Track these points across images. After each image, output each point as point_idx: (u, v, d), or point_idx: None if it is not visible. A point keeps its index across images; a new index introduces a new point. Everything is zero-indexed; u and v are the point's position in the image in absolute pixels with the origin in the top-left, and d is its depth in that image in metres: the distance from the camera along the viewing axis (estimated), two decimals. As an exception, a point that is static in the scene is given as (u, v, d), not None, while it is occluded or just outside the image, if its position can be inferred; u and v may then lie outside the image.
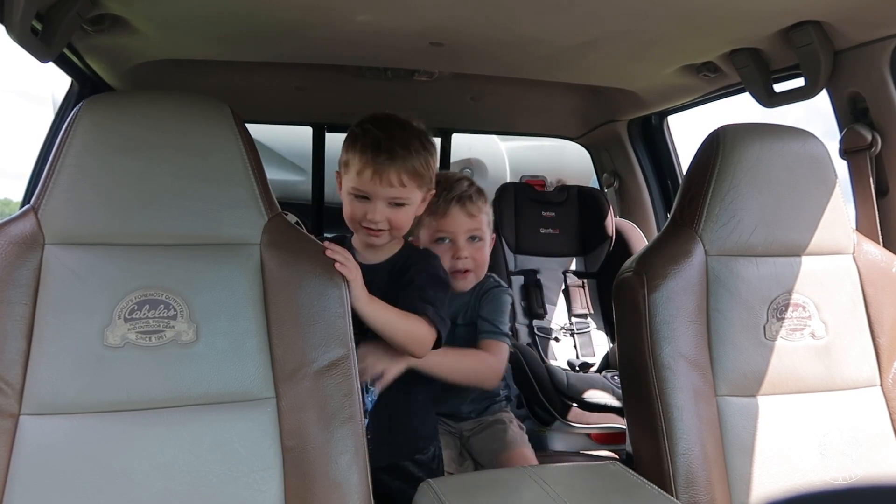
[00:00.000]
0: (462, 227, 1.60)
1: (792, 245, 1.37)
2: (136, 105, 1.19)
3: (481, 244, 1.64)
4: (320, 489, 1.10)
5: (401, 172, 1.36)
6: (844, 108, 1.59)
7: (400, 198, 1.39)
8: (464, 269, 1.60)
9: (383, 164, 1.35)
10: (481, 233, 1.63)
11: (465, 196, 1.60)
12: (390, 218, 1.39)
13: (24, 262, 1.09)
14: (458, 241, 1.60)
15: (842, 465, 1.29)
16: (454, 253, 1.60)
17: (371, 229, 1.40)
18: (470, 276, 1.62)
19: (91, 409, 1.07)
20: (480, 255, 1.63)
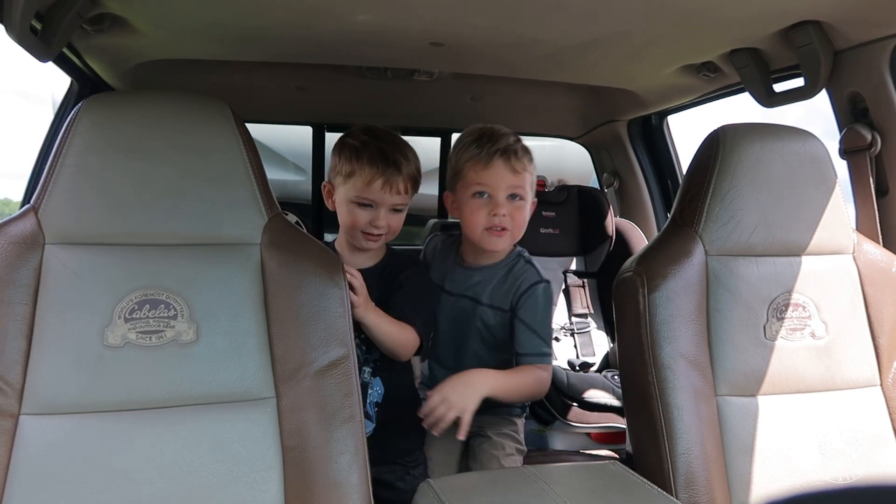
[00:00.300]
0: (503, 182, 1.48)
1: (792, 245, 1.37)
2: (136, 105, 1.19)
3: (522, 204, 1.51)
4: (320, 489, 1.10)
5: (406, 180, 1.49)
6: (844, 108, 1.59)
7: (402, 204, 1.51)
8: (500, 226, 1.49)
9: (392, 174, 1.46)
10: (523, 192, 1.50)
11: (511, 149, 1.49)
12: (390, 223, 1.50)
13: (24, 262, 1.09)
14: (497, 197, 1.48)
15: (842, 465, 1.29)
16: (491, 209, 1.48)
17: (372, 235, 1.48)
18: (506, 235, 1.50)
19: (91, 408, 1.07)
20: (520, 215, 1.51)
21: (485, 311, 1.56)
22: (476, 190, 1.49)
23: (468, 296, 1.57)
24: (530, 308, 1.51)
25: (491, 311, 1.56)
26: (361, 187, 1.46)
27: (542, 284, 1.52)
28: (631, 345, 1.30)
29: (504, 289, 1.54)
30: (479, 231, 1.50)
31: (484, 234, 1.49)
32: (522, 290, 1.52)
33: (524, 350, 1.51)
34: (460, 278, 1.60)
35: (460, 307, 1.59)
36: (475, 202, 1.50)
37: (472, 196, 1.50)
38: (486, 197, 1.49)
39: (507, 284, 1.54)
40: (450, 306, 1.60)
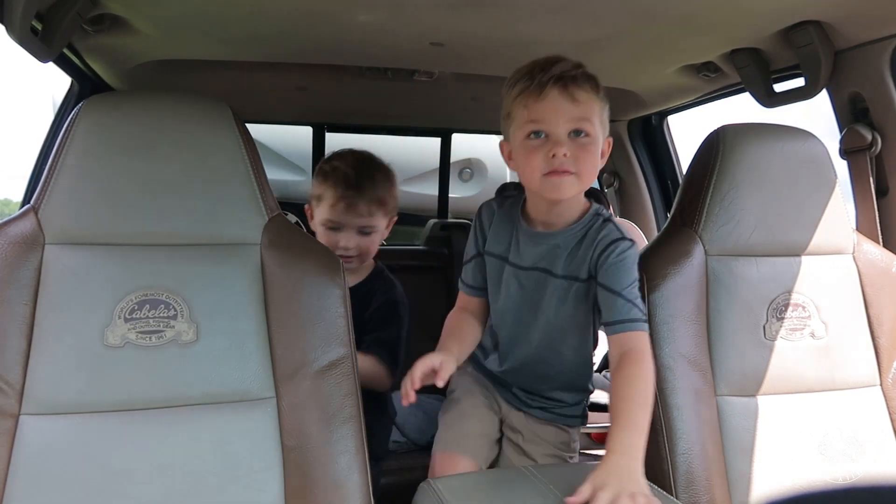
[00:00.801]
0: (562, 116, 1.17)
1: (792, 245, 1.37)
2: (136, 105, 1.19)
3: (588, 142, 1.19)
4: (320, 489, 1.10)
5: (369, 203, 1.56)
6: (844, 108, 1.59)
7: (368, 226, 1.57)
8: (562, 168, 1.18)
9: (353, 196, 1.54)
10: (589, 126, 1.19)
11: (568, 76, 1.18)
12: (360, 245, 1.57)
13: (24, 262, 1.09)
14: (555, 134, 1.18)
15: (842, 465, 1.29)
16: (549, 150, 1.17)
17: (344, 256, 1.52)
18: (569, 179, 1.19)
19: (91, 408, 1.07)
20: (586, 156, 1.19)
21: (559, 285, 1.29)
22: (530, 129, 1.19)
23: (540, 267, 1.30)
24: (611, 269, 1.22)
25: (566, 282, 1.29)
26: (327, 210, 1.56)
27: (623, 242, 1.24)
28: (631, 345, 1.30)
29: (580, 254, 1.27)
30: (538, 179, 1.20)
31: (543, 180, 1.20)
32: (600, 251, 1.24)
33: (613, 317, 1.21)
34: (529, 247, 1.31)
35: (532, 281, 1.32)
36: (529, 144, 1.20)
37: (526, 138, 1.20)
38: (543, 137, 1.19)
39: (584, 248, 1.26)
40: (517, 282, 1.33)
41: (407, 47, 1.75)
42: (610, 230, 1.25)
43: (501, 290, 1.35)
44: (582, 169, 1.19)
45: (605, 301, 1.22)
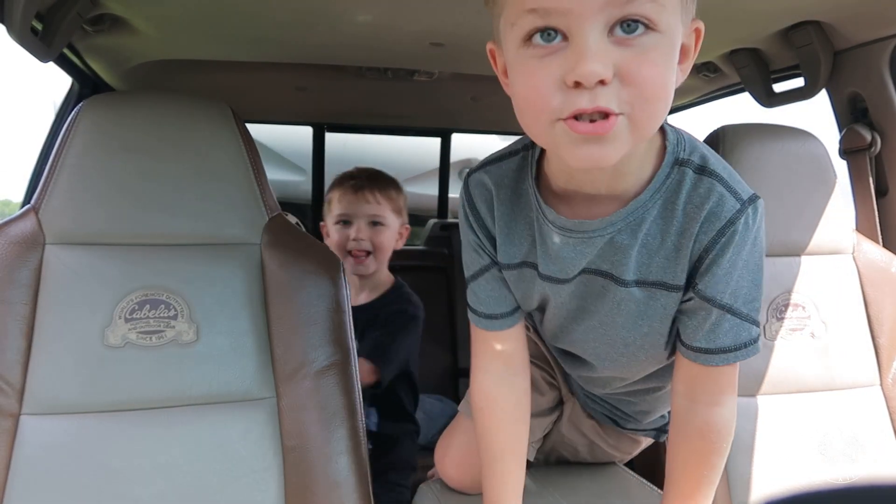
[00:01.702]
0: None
1: (792, 245, 1.37)
2: (136, 105, 1.19)
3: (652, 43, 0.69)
4: (320, 489, 1.10)
5: (375, 191, 1.61)
6: (844, 108, 1.59)
7: (377, 215, 1.60)
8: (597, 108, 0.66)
9: (359, 186, 1.61)
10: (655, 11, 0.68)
11: None
12: (372, 239, 1.59)
13: (24, 262, 1.09)
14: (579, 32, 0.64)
15: (842, 465, 1.29)
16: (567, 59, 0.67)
17: (357, 255, 1.57)
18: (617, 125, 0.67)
19: (91, 408, 1.07)
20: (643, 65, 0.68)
21: (631, 295, 0.84)
22: (531, 27, 0.69)
23: (600, 271, 0.84)
24: (722, 270, 0.77)
25: (643, 292, 0.83)
26: (337, 206, 1.63)
27: (745, 213, 0.77)
28: (631, 345, 1.30)
29: (668, 243, 0.79)
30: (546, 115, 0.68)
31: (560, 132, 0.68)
32: (708, 242, 0.77)
33: (704, 343, 0.81)
34: (573, 249, 0.82)
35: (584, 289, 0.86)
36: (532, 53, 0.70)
37: (524, 44, 0.71)
38: (559, 40, 0.67)
39: (674, 233, 0.78)
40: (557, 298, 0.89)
41: (407, 47, 1.74)
42: (718, 194, 0.76)
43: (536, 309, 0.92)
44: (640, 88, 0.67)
45: (701, 317, 0.80)
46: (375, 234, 1.61)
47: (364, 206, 1.61)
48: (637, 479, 1.22)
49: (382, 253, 1.64)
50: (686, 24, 0.73)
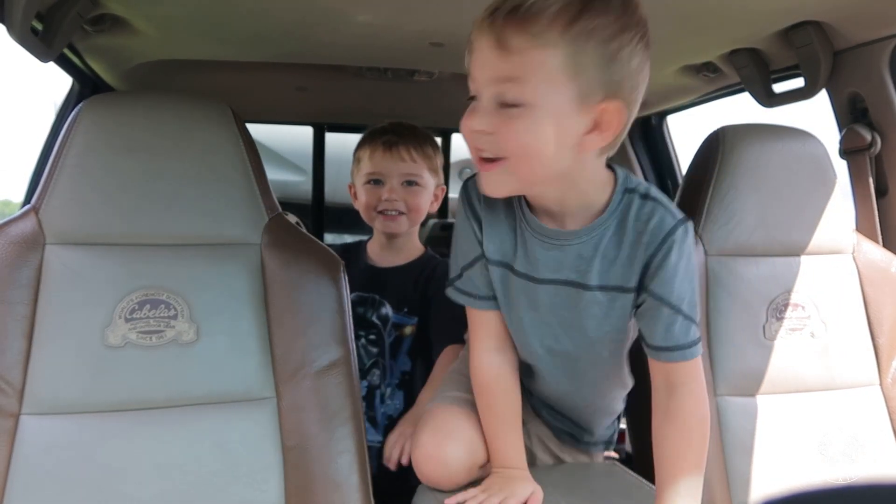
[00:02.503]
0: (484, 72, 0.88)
1: (791, 245, 1.37)
2: (136, 105, 1.19)
3: (517, 112, 0.86)
4: (320, 489, 1.10)
5: (410, 148, 1.42)
6: (844, 108, 1.59)
7: (413, 174, 1.42)
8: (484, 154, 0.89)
9: (393, 140, 1.42)
10: (517, 88, 0.85)
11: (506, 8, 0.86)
12: (406, 200, 1.42)
13: (24, 262, 1.09)
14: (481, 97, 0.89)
15: (842, 465, 1.29)
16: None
17: (388, 214, 1.41)
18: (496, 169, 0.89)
19: (92, 408, 1.07)
20: (510, 131, 0.86)
21: (596, 299, 0.98)
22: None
23: (562, 280, 0.98)
24: (668, 273, 0.92)
25: (605, 295, 0.98)
26: (368, 164, 1.45)
27: (679, 228, 0.93)
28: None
29: (622, 254, 0.95)
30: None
31: None
32: (654, 248, 0.93)
33: (666, 341, 0.95)
34: (542, 252, 0.98)
35: (553, 297, 0.99)
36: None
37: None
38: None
39: (627, 246, 0.94)
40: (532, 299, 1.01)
41: (407, 47, 1.75)
42: (660, 213, 0.92)
43: (512, 308, 1.03)
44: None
45: (656, 316, 0.94)
46: (410, 195, 1.42)
47: (398, 164, 1.41)
48: (637, 478, 1.22)
49: (417, 214, 1.45)
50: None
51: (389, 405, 1.45)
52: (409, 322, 1.45)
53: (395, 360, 1.45)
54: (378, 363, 1.45)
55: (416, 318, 1.45)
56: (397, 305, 1.45)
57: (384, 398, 1.43)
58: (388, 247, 1.49)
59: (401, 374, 1.45)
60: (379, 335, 1.41)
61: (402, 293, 1.44)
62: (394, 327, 1.46)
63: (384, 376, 1.44)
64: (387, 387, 1.44)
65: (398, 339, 1.45)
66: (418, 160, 1.43)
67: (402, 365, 1.45)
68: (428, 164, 1.45)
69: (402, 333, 1.46)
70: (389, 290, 1.44)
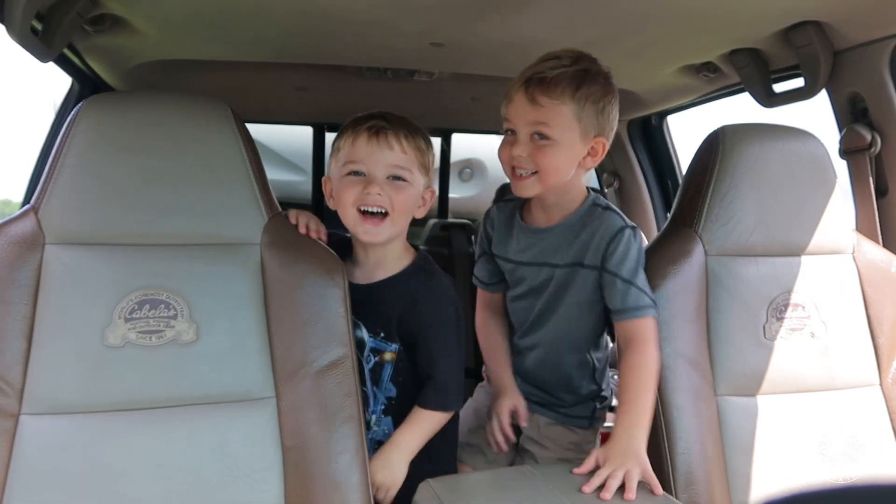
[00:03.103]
0: (522, 118, 1.22)
1: (791, 245, 1.37)
2: (136, 105, 1.19)
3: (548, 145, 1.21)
4: (320, 489, 1.10)
5: (400, 136, 1.22)
6: (844, 108, 1.59)
7: (401, 167, 1.22)
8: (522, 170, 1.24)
9: (380, 126, 1.22)
10: (548, 129, 1.21)
11: (536, 78, 1.21)
12: (392, 196, 1.21)
13: (24, 262, 1.09)
14: (519, 134, 1.23)
15: (842, 465, 1.29)
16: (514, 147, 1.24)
17: (370, 214, 1.21)
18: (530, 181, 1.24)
19: (91, 408, 1.07)
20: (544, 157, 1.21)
21: (563, 273, 1.31)
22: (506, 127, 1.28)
23: (541, 262, 1.33)
24: (619, 256, 1.24)
25: (569, 269, 1.30)
26: (348, 150, 1.23)
27: (628, 230, 1.26)
28: (631, 345, 1.30)
29: (580, 241, 1.28)
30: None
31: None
32: (607, 241, 1.25)
33: (620, 305, 1.24)
34: (527, 243, 1.35)
35: (535, 275, 1.34)
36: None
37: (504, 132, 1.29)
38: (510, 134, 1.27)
39: (585, 236, 1.28)
40: (523, 277, 1.37)
41: (407, 47, 1.75)
42: (612, 218, 1.28)
43: (512, 287, 1.42)
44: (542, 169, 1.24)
45: (612, 289, 1.26)
46: (396, 192, 1.21)
47: (385, 154, 1.20)
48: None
49: (402, 216, 1.24)
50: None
51: (377, 431, 1.31)
52: (387, 348, 1.28)
53: (377, 386, 1.30)
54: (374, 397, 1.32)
55: (394, 344, 1.28)
56: (372, 329, 1.28)
57: (370, 425, 1.30)
58: (364, 261, 1.29)
59: (386, 400, 1.31)
60: (356, 360, 1.21)
61: (376, 316, 1.26)
62: (372, 352, 1.29)
63: (366, 403, 1.29)
64: (371, 413, 1.30)
65: (378, 366, 1.30)
66: (409, 152, 1.23)
67: (386, 391, 1.30)
68: (419, 159, 1.25)
69: (383, 359, 1.29)
70: (363, 311, 1.25)
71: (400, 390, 1.30)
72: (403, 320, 1.26)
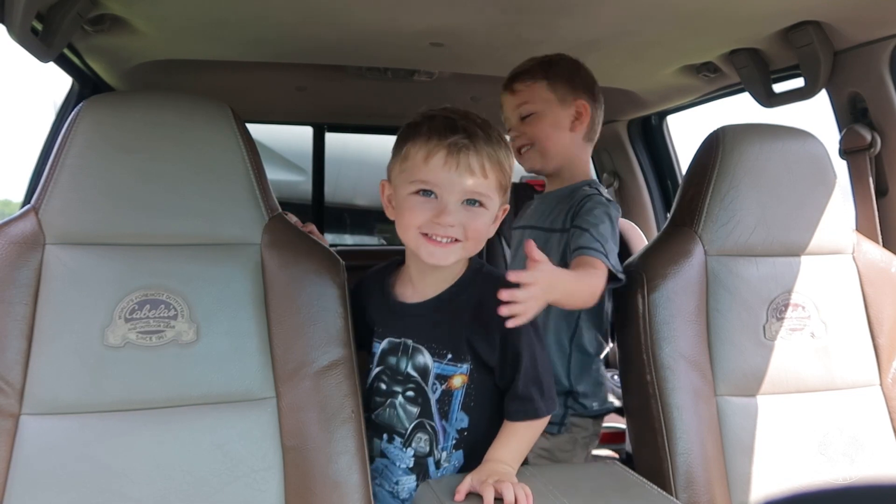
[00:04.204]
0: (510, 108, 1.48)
1: (791, 245, 1.37)
2: (136, 105, 1.19)
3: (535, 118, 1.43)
4: (320, 489, 1.10)
5: (482, 157, 1.08)
6: (844, 108, 1.59)
7: (479, 193, 1.08)
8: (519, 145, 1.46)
9: (460, 145, 1.07)
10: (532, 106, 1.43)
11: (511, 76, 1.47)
12: (466, 224, 1.08)
13: (24, 262, 1.09)
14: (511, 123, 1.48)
15: (842, 465, 1.29)
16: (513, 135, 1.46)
17: (437, 237, 1.08)
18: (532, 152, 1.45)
19: (91, 408, 1.07)
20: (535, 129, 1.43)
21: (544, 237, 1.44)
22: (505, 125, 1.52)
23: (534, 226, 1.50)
24: (584, 212, 1.33)
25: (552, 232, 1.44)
26: (421, 170, 1.08)
27: (597, 196, 1.37)
28: (631, 345, 1.30)
29: (560, 210, 1.43)
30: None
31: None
32: (578, 201, 1.37)
33: (578, 244, 1.28)
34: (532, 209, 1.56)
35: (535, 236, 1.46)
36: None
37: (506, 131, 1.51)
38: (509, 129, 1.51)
39: (567, 206, 1.41)
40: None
41: (407, 47, 1.75)
42: (590, 191, 1.42)
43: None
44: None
45: (575, 234, 1.32)
46: (470, 219, 1.08)
47: (463, 179, 1.06)
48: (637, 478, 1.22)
49: (476, 244, 1.11)
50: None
51: (447, 467, 1.16)
52: (456, 371, 1.14)
53: (446, 419, 1.15)
54: (423, 425, 1.15)
55: (465, 364, 1.14)
56: (437, 352, 1.15)
57: (440, 464, 1.16)
58: (424, 279, 1.17)
59: (457, 433, 1.15)
60: (419, 390, 1.12)
61: (439, 335, 1.14)
62: (438, 379, 1.15)
63: (435, 441, 1.15)
64: (442, 450, 1.15)
65: (446, 394, 1.15)
66: (490, 175, 1.09)
67: (457, 423, 1.15)
68: (499, 180, 1.11)
69: (451, 386, 1.15)
70: (424, 332, 1.13)
71: (473, 419, 1.15)
72: (474, 331, 1.13)
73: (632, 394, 1.33)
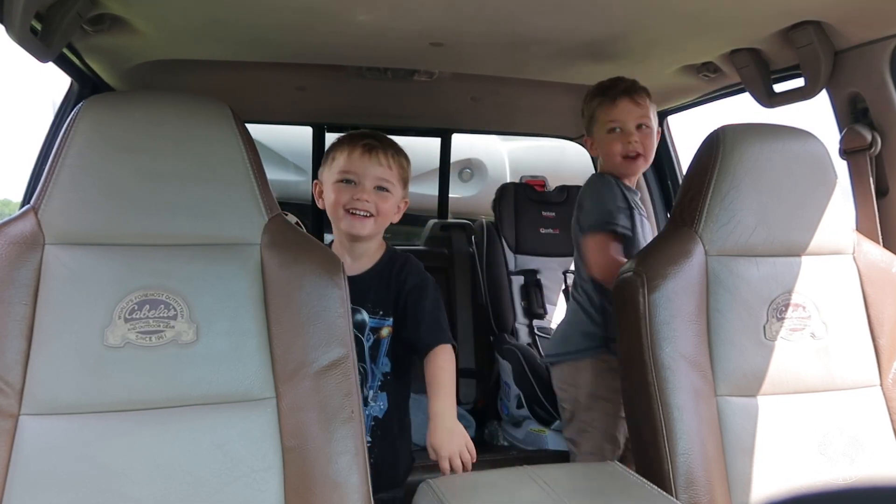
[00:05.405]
0: (631, 115, 1.70)
1: (792, 245, 1.37)
2: (136, 105, 1.19)
3: (649, 132, 1.72)
4: (320, 489, 1.10)
5: (388, 154, 1.49)
6: (844, 108, 1.59)
7: (386, 180, 1.48)
8: (635, 153, 1.70)
9: (372, 144, 1.48)
10: (648, 121, 1.72)
11: (632, 87, 1.71)
12: (377, 203, 1.47)
13: (24, 263, 1.09)
14: (627, 128, 1.70)
15: (842, 465, 1.29)
16: (624, 139, 1.70)
17: (357, 214, 1.45)
18: (640, 160, 1.72)
19: (91, 409, 1.07)
20: (649, 141, 1.72)
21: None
22: (609, 127, 1.72)
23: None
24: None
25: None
26: (343, 163, 1.48)
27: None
28: (631, 345, 1.30)
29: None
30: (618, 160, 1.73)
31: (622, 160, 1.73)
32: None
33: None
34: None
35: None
36: (610, 137, 1.73)
37: (607, 133, 1.73)
38: (618, 131, 1.72)
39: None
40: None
41: (407, 47, 1.75)
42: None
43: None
44: (647, 151, 1.72)
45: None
46: (380, 199, 1.48)
47: (374, 168, 1.46)
48: (637, 478, 1.22)
49: (384, 219, 1.50)
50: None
51: (374, 407, 1.48)
52: (385, 324, 1.49)
53: (375, 363, 1.49)
54: (358, 368, 1.43)
55: (390, 318, 1.50)
56: (373, 310, 1.49)
57: (367, 401, 1.48)
58: (351, 251, 1.52)
59: (382, 376, 1.49)
60: (357, 341, 1.40)
61: (376, 297, 1.49)
62: (371, 331, 1.49)
63: (366, 380, 1.48)
64: (369, 389, 1.48)
65: (376, 343, 1.49)
66: (394, 168, 1.50)
67: (382, 367, 1.49)
68: (400, 174, 1.52)
69: (380, 336, 1.50)
70: (363, 296, 1.46)
71: (394, 364, 1.49)
72: (398, 291, 1.49)
73: (632, 394, 1.33)
